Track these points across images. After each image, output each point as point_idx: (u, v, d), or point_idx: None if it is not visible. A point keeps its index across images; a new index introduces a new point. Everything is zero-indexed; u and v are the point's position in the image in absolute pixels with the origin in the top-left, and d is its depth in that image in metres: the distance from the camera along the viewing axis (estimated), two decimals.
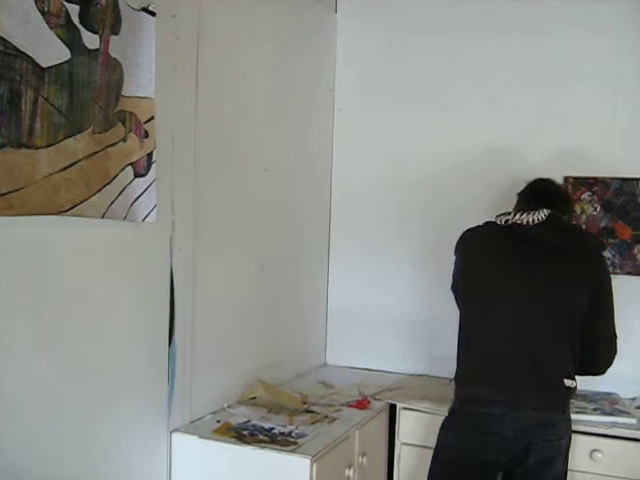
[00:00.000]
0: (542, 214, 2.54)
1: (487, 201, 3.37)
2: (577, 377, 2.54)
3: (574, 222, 3.15)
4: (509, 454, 2.47)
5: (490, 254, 2.62)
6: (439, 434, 2.64)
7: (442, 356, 3.50)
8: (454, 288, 2.78)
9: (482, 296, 2.60)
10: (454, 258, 2.76)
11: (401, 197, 3.73)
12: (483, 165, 3.53)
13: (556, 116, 3.42)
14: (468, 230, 2.74)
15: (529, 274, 2.52)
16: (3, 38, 1.79)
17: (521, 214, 2.55)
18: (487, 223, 2.70)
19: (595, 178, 3.33)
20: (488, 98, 3.54)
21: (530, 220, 2.54)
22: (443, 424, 2.64)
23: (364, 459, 2.87)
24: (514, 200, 2.81)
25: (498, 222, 2.61)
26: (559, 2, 3.39)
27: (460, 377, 2.63)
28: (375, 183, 3.79)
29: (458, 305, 2.76)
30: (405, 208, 3.73)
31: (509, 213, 2.60)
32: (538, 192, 2.73)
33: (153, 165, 2.35)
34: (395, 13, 3.76)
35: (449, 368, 3.30)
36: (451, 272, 2.78)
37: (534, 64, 3.46)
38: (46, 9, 1.92)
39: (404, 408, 3.12)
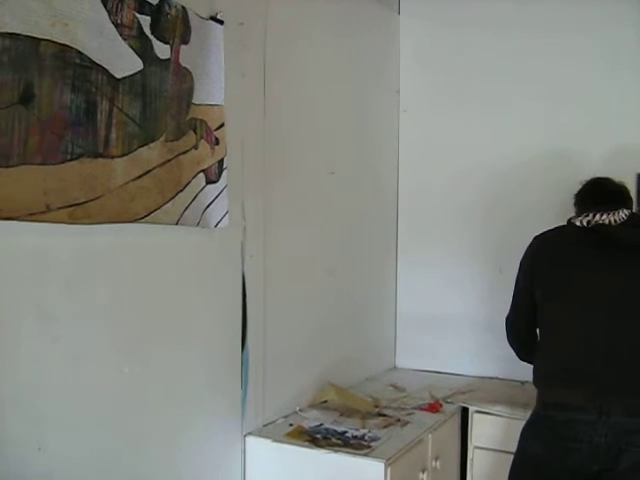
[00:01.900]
0: (622, 214, 2.47)
1: (554, 201, 3.31)
2: None
3: None
4: (600, 461, 2.37)
5: (575, 256, 2.54)
6: (521, 441, 2.55)
7: (513, 358, 3.43)
8: (520, 288, 2.70)
9: (569, 298, 2.51)
10: (522, 262, 2.69)
11: (469, 197, 3.69)
12: (550, 164, 3.46)
13: (621, 112, 3.34)
14: (541, 235, 2.67)
15: (617, 275, 2.45)
16: (79, 51, 1.85)
17: (601, 215, 2.48)
18: (562, 226, 2.64)
19: None
20: (553, 96, 3.47)
21: (612, 220, 2.46)
22: (526, 430, 2.55)
23: (437, 463, 2.84)
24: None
25: (578, 224, 2.53)
26: None
27: (545, 381, 2.54)
28: (442, 184, 3.76)
29: (516, 309, 2.74)
30: (473, 209, 3.69)
31: (587, 215, 2.52)
32: (605, 192, 2.63)
33: (224, 172, 2.38)
34: (458, 12, 3.73)
35: (520, 371, 3.25)
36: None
37: (596, 60, 3.39)
38: (119, 21, 1.97)
39: (477, 411, 3.08)
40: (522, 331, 2.77)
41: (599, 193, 2.64)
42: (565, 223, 2.64)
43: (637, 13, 3.30)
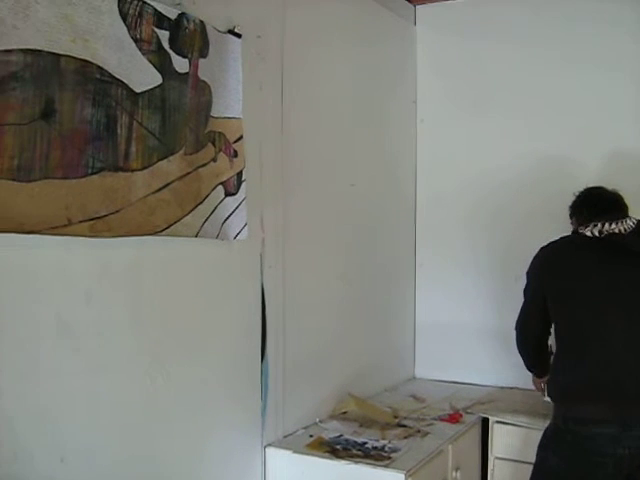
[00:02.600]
0: (630, 222, 2.46)
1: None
2: None
3: None
4: (623, 473, 2.34)
5: (589, 266, 2.50)
6: (540, 455, 2.51)
7: None
8: (531, 302, 2.70)
9: (586, 310, 2.47)
10: (530, 275, 2.69)
11: (486, 207, 3.69)
12: (570, 172, 3.43)
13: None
14: (548, 245, 2.64)
15: (633, 284, 2.43)
16: (99, 66, 1.87)
17: (610, 224, 2.46)
18: (569, 237, 2.63)
19: None
20: (571, 106, 3.48)
21: (622, 229, 2.45)
22: (545, 444, 2.51)
23: (458, 474, 2.83)
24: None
25: (589, 234, 2.49)
26: None
27: (565, 395, 2.48)
28: (460, 194, 3.76)
29: (526, 321, 2.73)
30: (490, 218, 3.68)
31: (595, 224, 2.49)
32: (605, 200, 2.63)
33: (243, 184, 2.40)
34: (474, 23, 3.74)
35: None
36: None
37: (612, 70, 3.39)
38: (138, 36, 1.99)
39: (497, 422, 3.07)
40: (534, 341, 2.76)
41: (599, 202, 2.63)
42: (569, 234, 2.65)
43: None
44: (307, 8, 2.90)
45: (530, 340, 2.78)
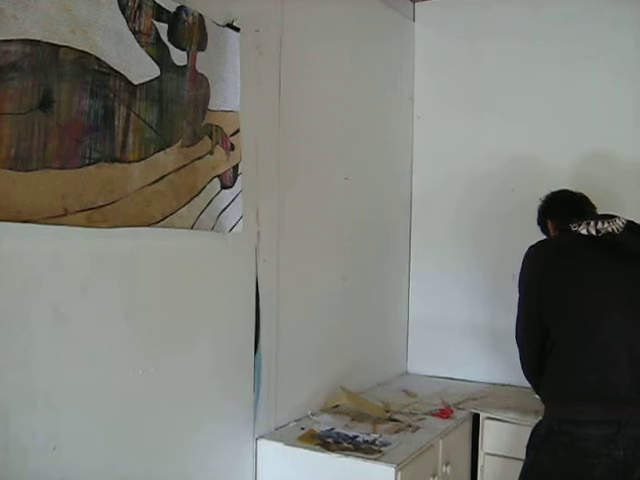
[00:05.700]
0: (620, 222, 2.42)
1: None
2: None
3: None
4: (618, 474, 2.29)
5: (588, 264, 2.45)
6: (533, 456, 2.45)
7: None
8: (528, 303, 2.60)
9: (582, 310, 2.41)
10: (526, 275, 2.62)
11: (482, 203, 3.70)
12: (565, 172, 3.45)
13: None
14: (539, 245, 2.60)
15: (630, 284, 2.39)
16: (97, 57, 1.88)
17: (602, 223, 2.42)
18: (561, 235, 2.62)
19: None
20: (569, 103, 3.49)
21: (615, 228, 2.41)
22: (536, 445, 2.45)
23: (448, 468, 2.84)
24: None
25: (584, 232, 2.43)
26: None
27: (561, 397, 2.42)
28: (455, 190, 3.77)
29: (528, 330, 2.62)
30: (486, 215, 3.70)
31: (588, 223, 2.44)
32: (582, 201, 2.67)
33: (239, 177, 2.41)
34: (472, 20, 3.76)
35: None
36: None
37: (611, 69, 3.40)
38: (137, 28, 2.00)
39: (488, 418, 3.08)
40: (538, 353, 2.58)
41: (578, 202, 2.68)
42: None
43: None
44: (306, 3, 2.91)
45: (536, 344, 2.59)
